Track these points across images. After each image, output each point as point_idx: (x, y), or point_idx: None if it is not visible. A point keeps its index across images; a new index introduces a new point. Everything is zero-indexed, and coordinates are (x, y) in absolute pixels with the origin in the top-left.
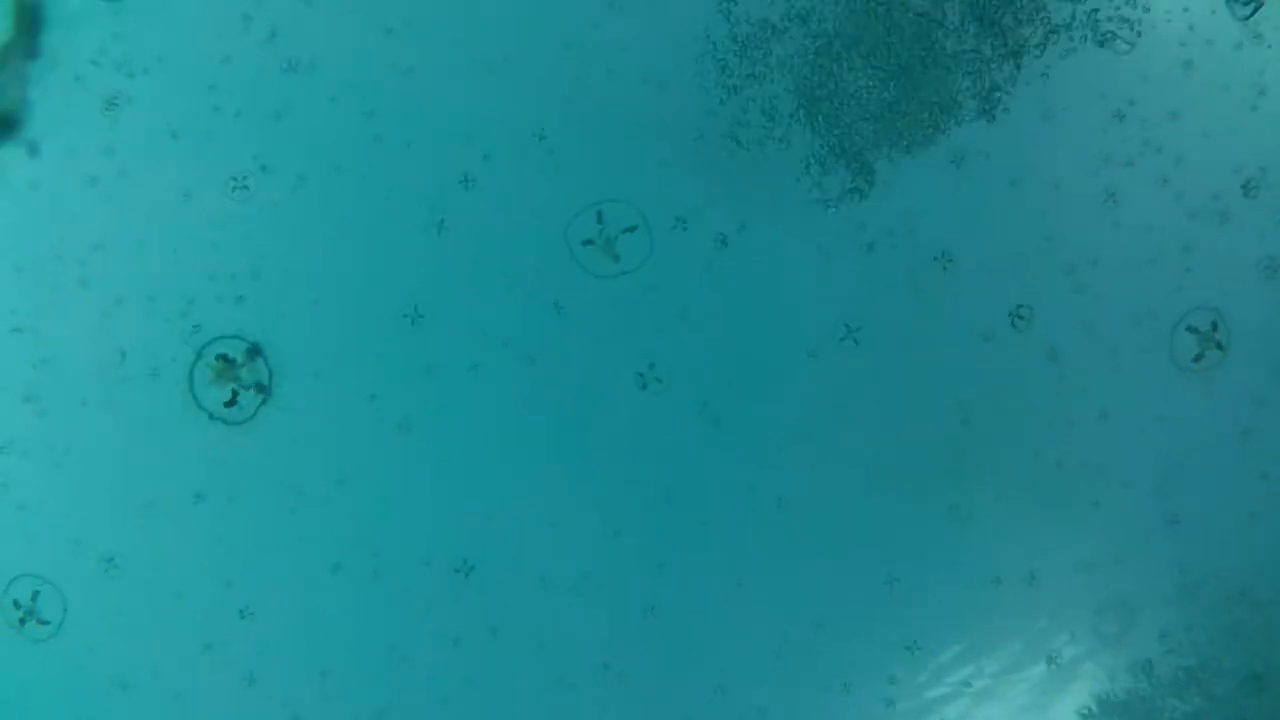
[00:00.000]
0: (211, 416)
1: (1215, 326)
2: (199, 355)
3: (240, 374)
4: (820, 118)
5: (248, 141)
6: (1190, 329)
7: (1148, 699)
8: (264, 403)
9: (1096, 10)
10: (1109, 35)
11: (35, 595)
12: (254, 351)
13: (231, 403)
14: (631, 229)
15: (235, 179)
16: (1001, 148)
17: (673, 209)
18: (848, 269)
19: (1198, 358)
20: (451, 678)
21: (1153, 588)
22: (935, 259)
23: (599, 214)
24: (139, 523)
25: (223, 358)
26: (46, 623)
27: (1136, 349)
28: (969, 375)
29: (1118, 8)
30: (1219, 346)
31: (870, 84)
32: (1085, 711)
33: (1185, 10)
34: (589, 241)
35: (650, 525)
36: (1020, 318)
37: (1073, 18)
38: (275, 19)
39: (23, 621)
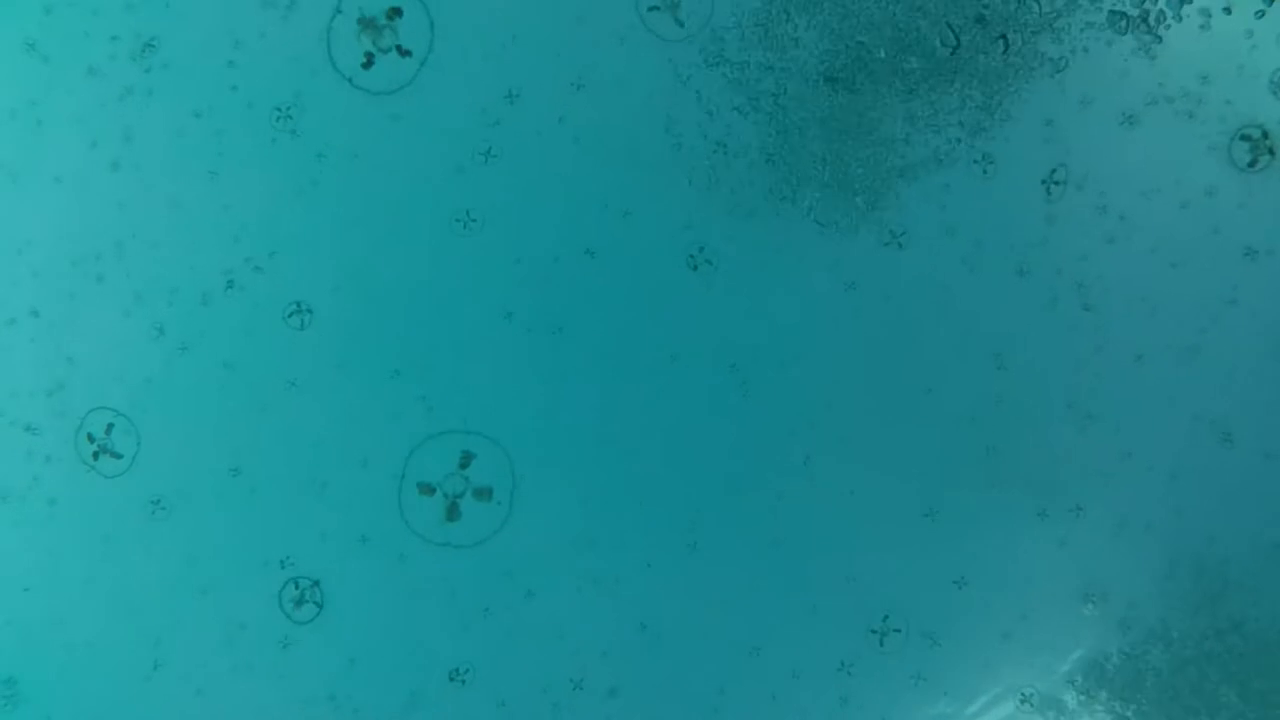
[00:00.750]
0: None
1: (1265, 134)
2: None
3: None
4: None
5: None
6: (1244, 137)
7: (1137, 656)
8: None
9: None
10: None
11: (110, 429)
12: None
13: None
14: None
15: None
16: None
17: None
18: (887, 183)
19: (1253, 163)
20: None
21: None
22: (976, 162)
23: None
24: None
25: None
26: (120, 456)
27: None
28: (1002, 317)
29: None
30: (1270, 152)
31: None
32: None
33: None
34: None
35: (684, 486)
36: (1056, 183)
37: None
38: None
39: (96, 455)
